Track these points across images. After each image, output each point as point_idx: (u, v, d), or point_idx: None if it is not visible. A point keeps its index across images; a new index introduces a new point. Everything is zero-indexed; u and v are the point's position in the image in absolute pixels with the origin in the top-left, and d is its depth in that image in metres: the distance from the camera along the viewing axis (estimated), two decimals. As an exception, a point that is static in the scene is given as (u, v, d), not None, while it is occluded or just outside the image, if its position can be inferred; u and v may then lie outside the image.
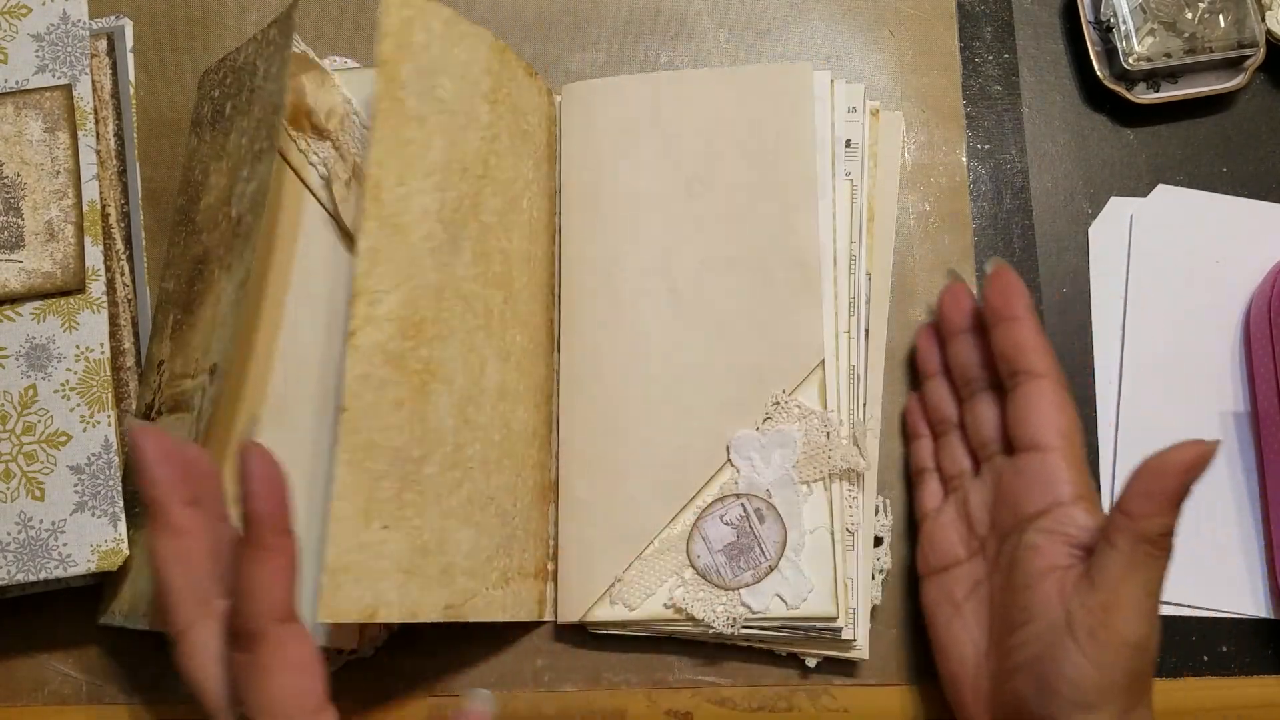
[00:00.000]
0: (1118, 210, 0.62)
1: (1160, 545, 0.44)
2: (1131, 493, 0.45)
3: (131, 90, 0.61)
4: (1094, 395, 0.60)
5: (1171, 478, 0.44)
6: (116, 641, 0.57)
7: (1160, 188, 0.63)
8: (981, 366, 0.54)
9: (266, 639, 0.42)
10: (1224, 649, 0.58)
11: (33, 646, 0.57)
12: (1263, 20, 0.62)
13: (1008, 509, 0.51)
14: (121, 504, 0.53)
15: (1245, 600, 0.58)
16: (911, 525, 0.58)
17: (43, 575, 0.52)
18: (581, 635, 0.57)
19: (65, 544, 0.52)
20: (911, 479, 0.58)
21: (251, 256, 0.52)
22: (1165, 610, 0.56)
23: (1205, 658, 0.58)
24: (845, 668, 0.57)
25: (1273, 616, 0.58)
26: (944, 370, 0.57)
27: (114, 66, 0.61)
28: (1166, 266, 0.62)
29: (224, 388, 0.51)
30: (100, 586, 0.56)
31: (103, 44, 0.61)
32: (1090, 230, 0.62)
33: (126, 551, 0.52)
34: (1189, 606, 0.58)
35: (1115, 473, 0.59)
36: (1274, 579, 0.58)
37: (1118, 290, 0.62)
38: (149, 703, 0.57)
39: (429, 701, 0.56)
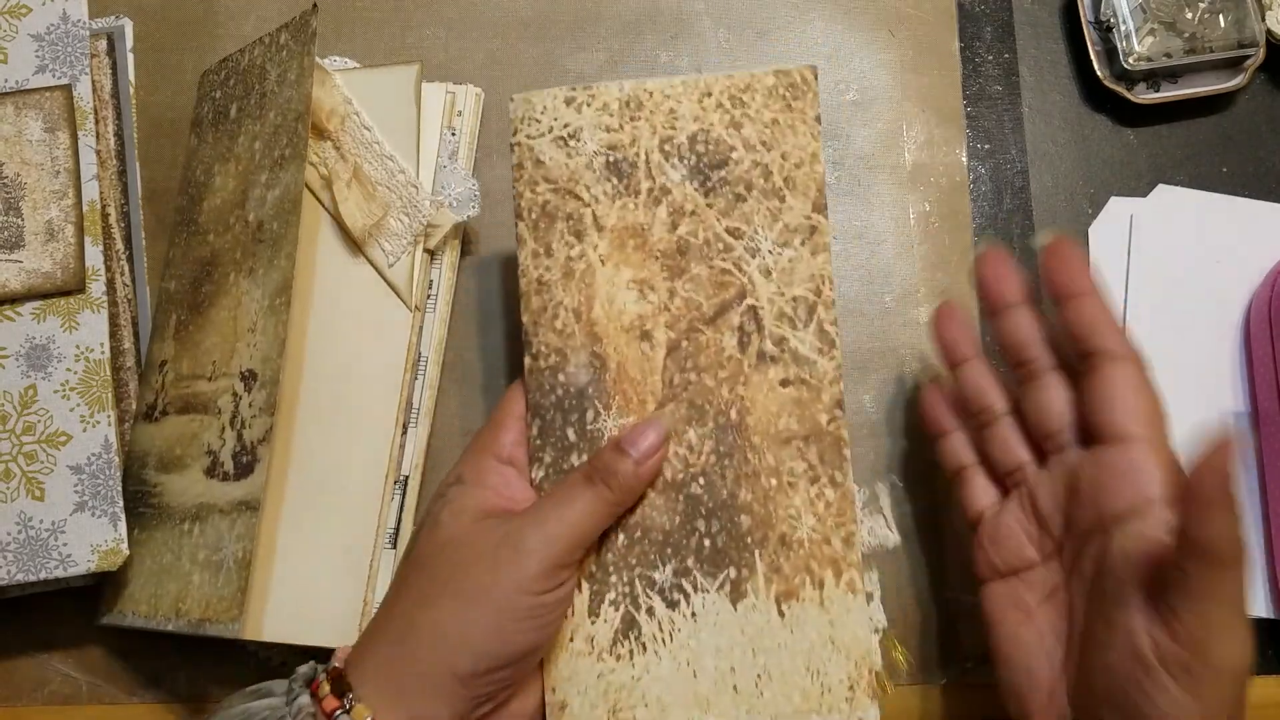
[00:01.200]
0: (1118, 210, 0.62)
1: (1231, 557, 0.40)
2: (1185, 516, 0.40)
3: (131, 90, 0.61)
4: (1094, 395, 0.60)
5: (1212, 486, 0.39)
6: (116, 641, 0.57)
7: (1160, 187, 0.62)
8: (1042, 345, 0.49)
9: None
10: (1224, 649, 0.57)
11: (33, 646, 0.57)
12: (1263, 20, 0.61)
13: (1088, 507, 0.46)
14: (121, 504, 0.53)
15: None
16: (921, 526, 0.58)
17: (43, 575, 0.51)
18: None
19: (65, 544, 0.52)
20: (950, 478, 0.53)
21: (288, 264, 0.52)
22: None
23: (1206, 658, 0.57)
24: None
25: (1273, 616, 0.57)
26: (981, 353, 0.52)
27: (114, 66, 0.60)
28: (1166, 266, 0.61)
29: (274, 394, 0.51)
30: (100, 586, 0.56)
31: (102, 44, 0.60)
32: (1090, 230, 0.62)
33: (126, 551, 0.52)
34: (1189, 606, 0.57)
35: (1115, 472, 0.58)
36: (1274, 579, 0.57)
37: (1118, 290, 0.61)
38: (149, 703, 0.57)
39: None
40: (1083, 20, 0.63)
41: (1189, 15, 0.61)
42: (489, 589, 0.45)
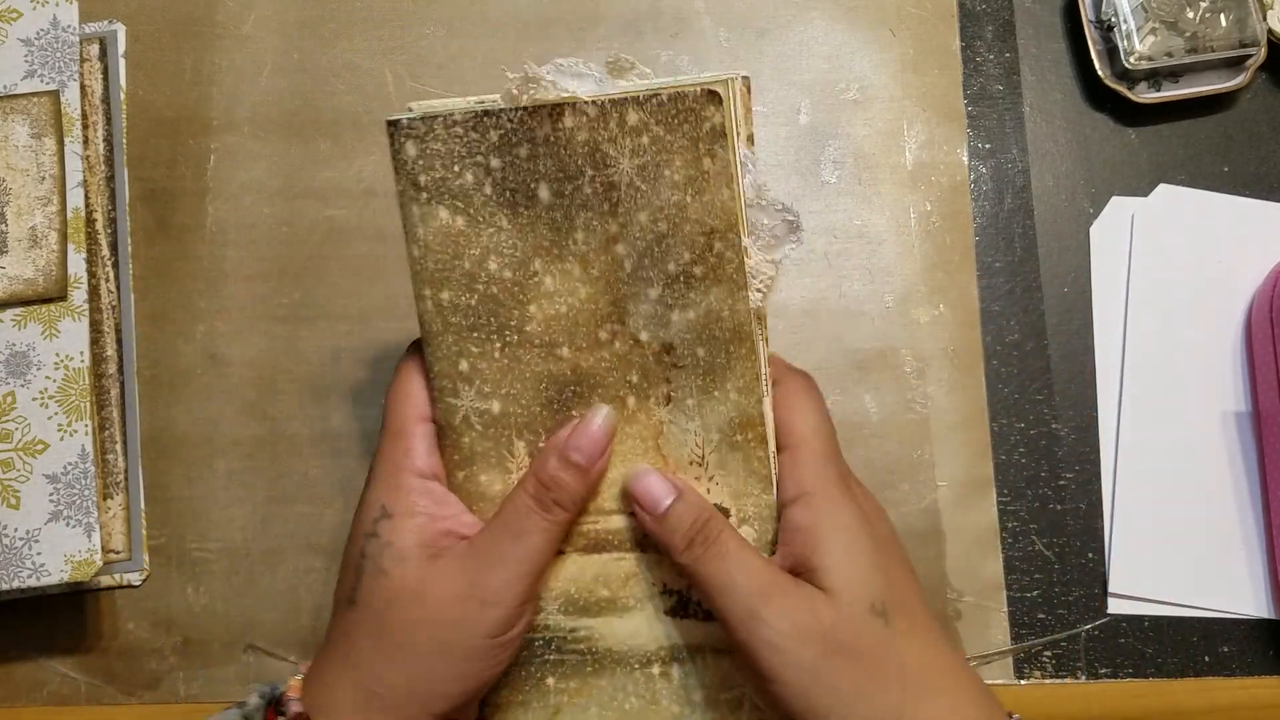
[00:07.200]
0: (1119, 210, 0.59)
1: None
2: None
3: (123, 95, 0.57)
4: (1095, 395, 0.57)
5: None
6: (115, 642, 0.54)
7: (1162, 187, 0.59)
8: None
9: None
10: (1225, 649, 0.55)
11: (32, 647, 0.54)
12: (1264, 19, 0.58)
13: None
14: (95, 515, 0.50)
15: (1246, 600, 0.55)
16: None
17: (15, 584, 0.49)
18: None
19: (39, 553, 0.49)
20: None
21: (746, 400, 0.44)
22: (1167, 611, 0.55)
23: (1206, 658, 0.55)
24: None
25: (1273, 617, 0.55)
26: None
27: (105, 71, 0.57)
28: (1168, 266, 0.58)
29: (770, 531, 0.45)
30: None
31: (94, 48, 0.57)
32: (1091, 229, 0.59)
33: (99, 563, 0.50)
34: (1190, 607, 0.55)
35: (1116, 473, 0.56)
36: (1275, 579, 0.54)
37: (1119, 290, 0.58)
38: (148, 703, 0.54)
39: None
40: (1084, 19, 0.59)
41: (1190, 14, 0.58)
42: (457, 643, 0.40)
